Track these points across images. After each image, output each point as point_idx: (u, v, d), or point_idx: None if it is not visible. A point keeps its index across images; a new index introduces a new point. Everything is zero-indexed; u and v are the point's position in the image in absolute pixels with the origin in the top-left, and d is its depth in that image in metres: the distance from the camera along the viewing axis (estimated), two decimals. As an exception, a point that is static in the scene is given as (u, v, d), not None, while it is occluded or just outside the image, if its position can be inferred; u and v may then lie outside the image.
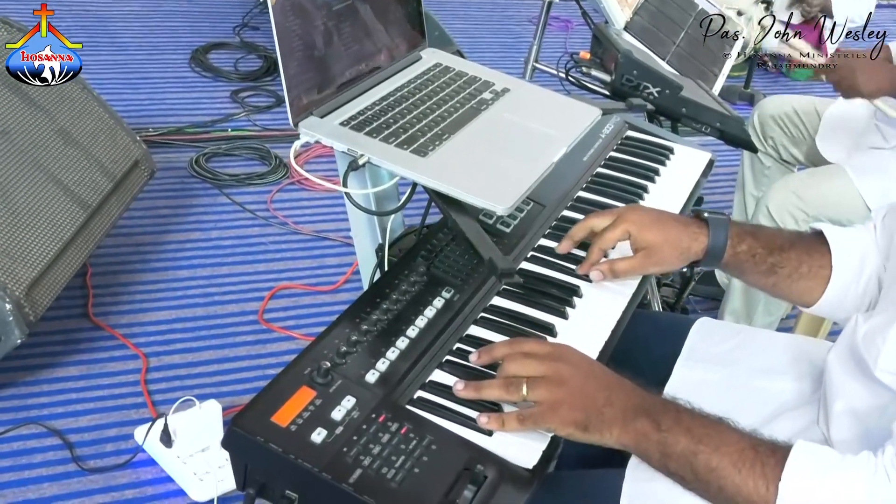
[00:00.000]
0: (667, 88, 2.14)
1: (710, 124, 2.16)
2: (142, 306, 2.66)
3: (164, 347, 2.51)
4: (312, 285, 2.84)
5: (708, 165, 1.83)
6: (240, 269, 2.90)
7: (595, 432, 1.10)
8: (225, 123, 3.74)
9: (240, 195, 3.27)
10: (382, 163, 1.27)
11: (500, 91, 1.55)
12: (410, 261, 1.33)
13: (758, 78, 4.86)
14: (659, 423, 1.09)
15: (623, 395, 1.12)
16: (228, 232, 3.08)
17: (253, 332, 2.62)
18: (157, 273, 2.82)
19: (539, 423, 1.10)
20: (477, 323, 1.29)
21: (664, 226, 1.38)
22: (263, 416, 1.03)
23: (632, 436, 1.09)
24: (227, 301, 2.74)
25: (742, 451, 1.05)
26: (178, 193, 3.25)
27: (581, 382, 1.12)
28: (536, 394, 1.10)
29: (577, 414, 1.09)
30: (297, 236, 3.10)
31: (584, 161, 1.71)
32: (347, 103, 1.39)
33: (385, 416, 1.07)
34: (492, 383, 1.14)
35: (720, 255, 1.38)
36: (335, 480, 0.98)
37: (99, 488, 2.06)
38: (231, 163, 3.46)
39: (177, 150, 3.50)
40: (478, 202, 1.23)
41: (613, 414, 1.10)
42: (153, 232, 3.02)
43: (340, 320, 1.20)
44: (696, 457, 1.06)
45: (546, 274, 1.40)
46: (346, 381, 1.10)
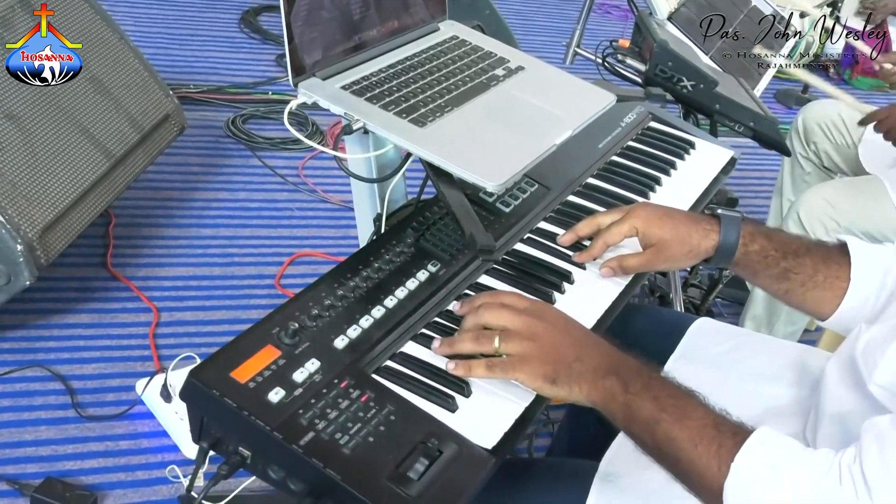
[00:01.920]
0: (701, 83, 2.11)
1: (743, 123, 2.13)
2: (160, 260, 2.70)
3: (176, 303, 2.55)
4: (333, 255, 2.86)
5: (729, 163, 1.79)
6: (263, 232, 2.93)
7: (563, 386, 1.11)
8: (266, 86, 3.77)
9: (272, 159, 3.30)
10: (377, 129, 1.27)
11: (513, 68, 1.53)
12: (400, 231, 1.33)
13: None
14: (627, 385, 1.09)
15: (596, 353, 1.13)
16: (256, 195, 3.11)
17: (268, 296, 2.64)
18: (179, 229, 2.86)
19: (508, 372, 1.12)
20: (460, 299, 1.28)
21: (674, 222, 1.37)
22: (223, 371, 1.04)
23: (600, 393, 1.10)
24: (246, 263, 2.77)
25: (703, 427, 1.05)
26: (211, 152, 3.28)
27: (553, 338, 1.13)
28: (508, 346, 1.12)
29: (546, 368, 1.11)
30: (325, 205, 3.12)
31: (599, 148, 1.70)
32: (353, 68, 1.38)
33: (347, 383, 1.07)
34: (464, 336, 1.16)
35: (731, 253, 1.36)
36: (286, 441, 0.99)
37: (95, 436, 2.10)
38: (267, 126, 3.48)
39: (215, 109, 3.54)
40: (468, 176, 1.22)
41: (583, 370, 1.11)
42: (181, 188, 3.05)
43: (318, 283, 1.21)
44: (658, 424, 1.06)
45: (539, 257, 1.40)
46: (313, 344, 1.11)
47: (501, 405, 1.13)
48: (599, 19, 5.03)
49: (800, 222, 2.39)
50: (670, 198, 1.62)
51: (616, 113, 1.79)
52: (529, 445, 2.28)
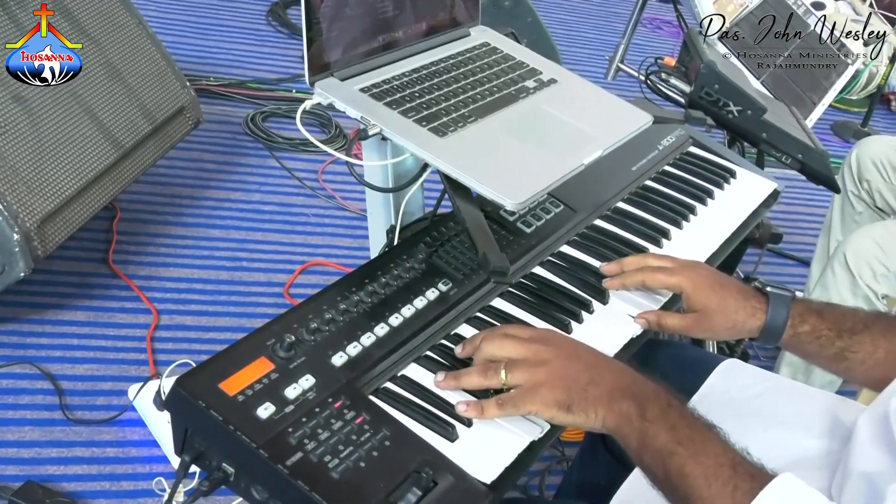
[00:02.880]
0: (748, 109, 2.11)
1: (790, 154, 2.12)
2: (164, 260, 2.71)
3: (178, 306, 2.56)
4: (347, 266, 2.87)
5: (771, 196, 1.79)
6: (275, 237, 2.94)
7: (580, 413, 1.10)
8: (291, 84, 3.79)
9: (291, 161, 3.32)
10: (394, 136, 1.27)
11: (545, 81, 1.54)
12: (412, 246, 1.34)
13: (879, 117, 4.77)
14: (644, 410, 1.09)
15: (610, 375, 1.13)
16: (271, 197, 3.13)
17: (275, 305, 2.65)
18: (187, 228, 2.88)
19: (519, 406, 1.11)
20: (470, 322, 1.28)
21: (723, 293, 1.36)
22: (211, 381, 1.04)
23: (615, 417, 1.10)
24: (255, 269, 2.78)
25: (719, 466, 1.04)
26: (227, 149, 3.31)
27: (563, 363, 1.13)
28: (515, 376, 1.12)
29: (557, 393, 1.10)
30: (342, 213, 3.13)
31: (633, 171, 1.70)
32: (374, 70, 1.39)
33: (342, 403, 1.07)
34: (470, 370, 1.16)
35: (777, 335, 1.36)
36: (272, 460, 0.99)
37: (81, 441, 2.11)
38: (288, 125, 3.50)
39: (234, 104, 3.56)
40: (486, 192, 1.22)
41: (598, 394, 1.10)
42: (193, 185, 3.08)
43: (320, 295, 1.22)
44: (672, 457, 1.06)
45: (558, 283, 1.39)
46: (309, 359, 1.11)
47: (505, 438, 1.12)
48: (648, 35, 5.03)
49: (846, 264, 2.37)
50: (704, 229, 1.62)
51: (653, 135, 1.79)
52: (541, 483, 2.27)
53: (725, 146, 2.16)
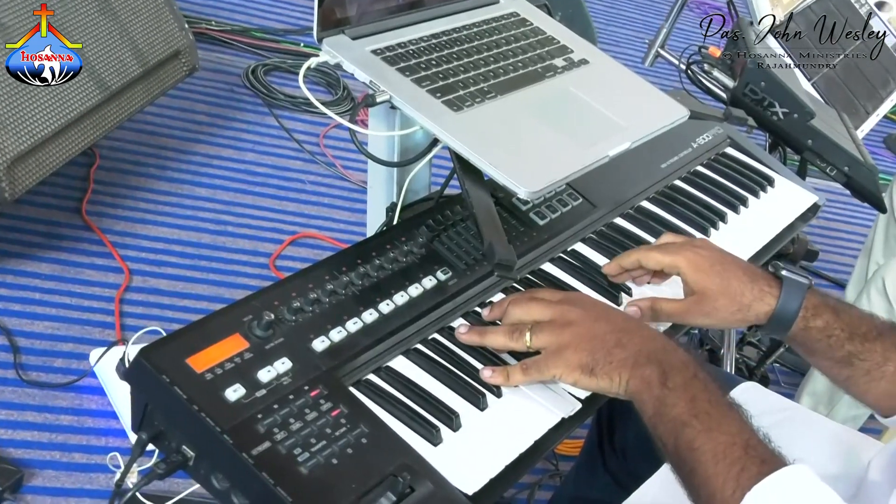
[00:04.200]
0: (795, 112, 2.09)
1: (836, 166, 2.11)
2: (143, 216, 2.71)
3: (153, 268, 2.57)
4: (341, 241, 2.87)
5: (810, 209, 1.78)
6: (266, 202, 2.94)
7: (603, 377, 1.13)
8: (299, 36, 3.78)
9: (291, 120, 3.31)
10: (404, 106, 1.27)
11: (576, 60, 1.53)
12: (413, 227, 1.33)
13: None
14: (667, 378, 1.11)
15: (638, 339, 1.16)
16: (266, 158, 3.13)
17: (259, 276, 2.65)
18: (171, 184, 2.87)
19: (543, 370, 1.16)
20: (467, 317, 1.28)
21: (726, 273, 1.33)
22: (178, 355, 1.04)
23: (637, 382, 1.12)
24: (241, 235, 2.78)
25: (731, 445, 1.05)
26: (223, 101, 3.30)
27: (590, 325, 1.17)
28: (541, 339, 1.16)
29: (582, 356, 1.14)
30: (342, 182, 3.13)
31: (662, 168, 1.69)
32: (389, 31, 1.38)
33: (319, 392, 1.07)
34: (496, 329, 1.21)
35: (787, 324, 1.32)
36: (237, 447, 0.99)
37: (34, 405, 2.12)
38: (292, 81, 3.50)
39: (235, 53, 3.56)
40: (500, 177, 1.21)
41: (623, 357, 1.13)
42: (181, 137, 3.07)
43: (306, 272, 1.21)
44: (685, 428, 1.07)
45: (567, 282, 1.39)
46: (288, 340, 1.11)
47: (493, 447, 1.12)
48: (695, 20, 5.01)
49: (884, 291, 2.36)
50: (734, 239, 1.61)
51: (689, 131, 1.79)
52: (530, 497, 2.28)
53: (766, 150, 2.15)
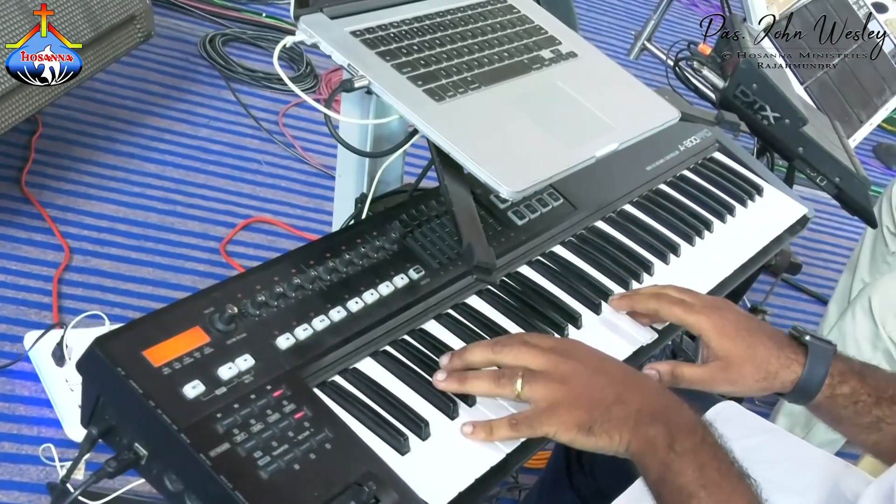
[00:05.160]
0: (787, 117, 2.13)
1: (826, 176, 2.15)
2: (87, 191, 2.70)
3: (96, 247, 2.56)
4: (298, 228, 2.87)
5: (800, 221, 1.81)
6: (219, 182, 2.94)
7: (602, 435, 1.12)
8: (261, 6, 3.78)
9: (249, 96, 3.31)
10: (383, 93, 1.28)
11: (564, 53, 1.55)
12: (385, 222, 1.34)
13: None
14: (674, 442, 1.10)
15: (639, 394, 1.15)
16: (220, 135, 3.12)
17: (208, 262, 2.65)
18: (118, 157, 2.86)
19: (535, 427, 1.13)
20: (439, 319, 1.30)
21: (753, 339, 1.34)
22: (135, 347, 1.05)
23: (640, 443, 1.11)
24: (190, 216, 2.78)
25: None
26: (177, 72, 3.29)
27: (587, 379, 1.15)
28: (533, 390, 1.14)
29: (579, 413, 1.12)
30: (301, 165, 3.13)
31: (647, 171, 1.71)
32: (370, 12, 1.39)
33: (282, 392, 1.08)
34: (480, 374, 1.17)
35: (813, 392, 1.34)
36: (193, 447, 0.99)
37: (-39, 388, 2.11)
38: (252, 54, 3.49)
39: (192, 21, 3.55)
40: (481, 174, 1.23)
41: (625, 414, 1.12)
42: (132, 108, 3.06)
43: (271, 265, 1.22)
44: (691, 500, 1.07)
45: (545, 288, 1.41)
46: (251, 336, 1.12)
47: (463, 458, 1.13)
48: (684, 12, 5.05)
49: (870, 311, 2.40)
50: (719, 249, 1.63)
51: (676, 133, 1.81)
52: (487, 511, 2.30)
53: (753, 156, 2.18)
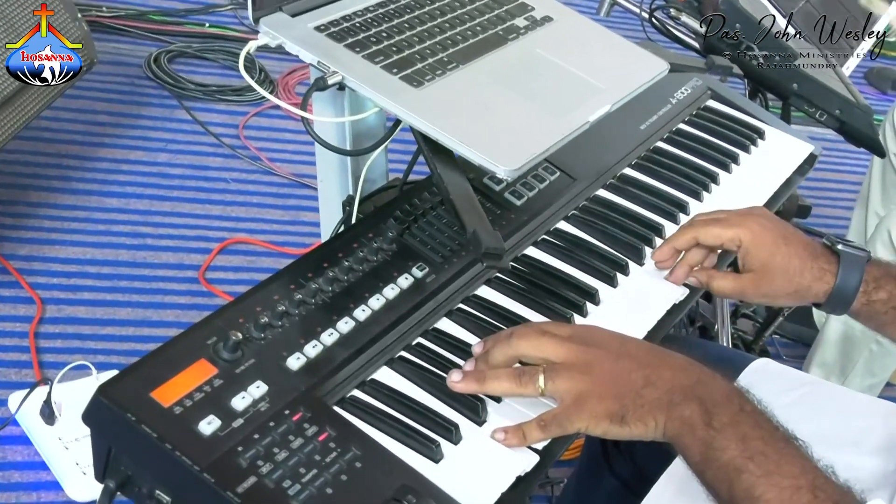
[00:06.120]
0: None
1: (826, 110, 2.16)
2: (49, 236, 2.70)
3: (68, 294, 2.55)
4: (277, 244, 2.87)
5: (807, 161, 1.82)
6: (187, 207, 2.94)
7: (636, 423, 1.12)
8: (202, 16, 3.77)
9: (205, 112, 3.31)
10: (360, 86, 1.28)
11: (539, 19, 1.55)
12: (379, 221, 1.35)
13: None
14: (711, 417, 1.09)
15: (668, 372, 1.14)
16: (181, 158, 3.12)
17: (188, 292, 2.65)
18: (77, 196, 2.86)
19: (565, 424, 1.13)
20: (451, 316, 1.30)
21: (789, 249, 1.39)
22: (141, 390, 1.05)
23: (676, 425, 1.11)
24: (163, 248, 2.78)
25: (797, 490, 1.05)
26: (125, 98, 3.29)
27: (611, 366, 1.15)
28: (557, 384, 1.14)
29: (609, 404, 1.12)
30: (270, 178, 3.13)
31: (642, 130, 1.72)
32: (330, 4, 1.39)
33: (301, 415, 1.08)
34: (499, 373, 1.17)
35: (848, 301, 1.39)
36: (219, 486, 1.00)
37: (-51, 463, 2.11)
38: (201, 68, 3.49)
39: (132, 41, 3.55)
40: (474, 157, 1.23)
41: (656, 397, 1.12)
42: (83, 143, 3.06)
43: (269, 283, 1.22)
44: (740, 475, 1.07)
45: (557, 267, 1.41)
46: (259, 361, 1.12)
47: (500, 457, 1.14)
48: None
49: (891, 244, 2.41)
50: (729, 201, 1.64)
51: (665, 86, 1.82)
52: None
53: (746, 98, 2.19)
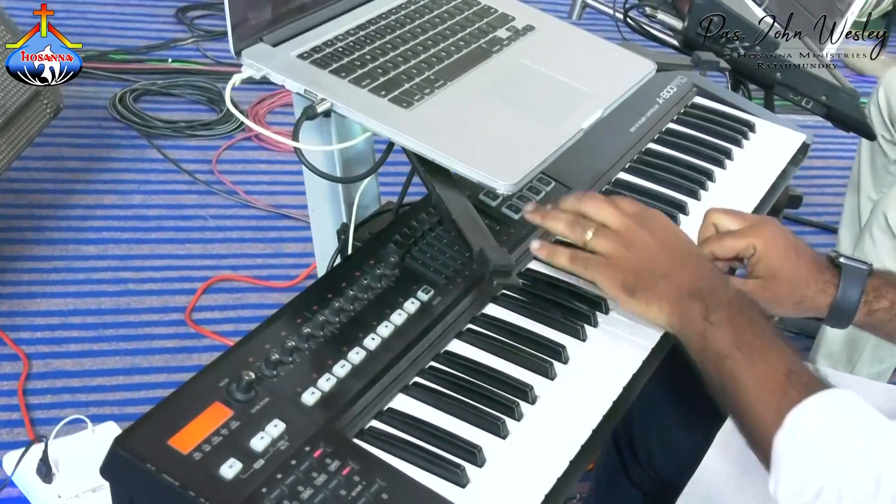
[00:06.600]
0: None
1: (812, 97, 2.18)
2: (30, 290, 2.69)
3: (53, 348, 2.55)
4: (262, 279, 2.88)
5: (800, 150, 1.85)
6: (167, 249, 2.94)
7: (642, 301, 1.29)
8: (164, 52, 3.78)
9: (176, 150, 3.31)
10: (349, 112, 1.29)
11: (520, 29, 1.57)
12: (380, 247, 1.35)
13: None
14: (709, 313, 1.24)
15: (688, 273, 1.29)
16: (156, 198, 3.12)
17: (176, 335, 2.65)
18: (53, 247, 2.86)
19: (589, 271, 1.31)
20: (461, 337, 1.31)
21: (798, 261, 1.43)
22: (159, 438, 1.06)
23: (678, 317, 1.27)
24: (146, 292, 2.77)
25: (773, 373, 1.17)
26: (93, 141, 3.29)
27: (651, 250, 1.30)
28: (600, 243, 1.30)
29: (627, 276, 1.29)
30: (249, 211, 3.14)
31: (632, 133, 1.74)
32: (311, 30, 1.41)
33: (323, 451, 1.09)
34: (560, 216, 1.34)
35: (849, 315, 1.43)
36: (246, 530, 1.01)
37: (-51, 534, 2.10)
38: (168, 105, 3.50)
39: (96, 83, 3.55)
40: (473, 174, 1.25)
41: (667, 290, 1.28)
42: (54, 191, 3.06)
43: (275, 319, 1.23)
44: (726, 361, 1.21)
45: (563, 278, 1.42)
46: (274, 399, 1.13)
47: (525, 476, 1.15)
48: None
49: (887, 227, 2.43)
50: (728, 198, 1.66)
51: (651, 86, 1.82)
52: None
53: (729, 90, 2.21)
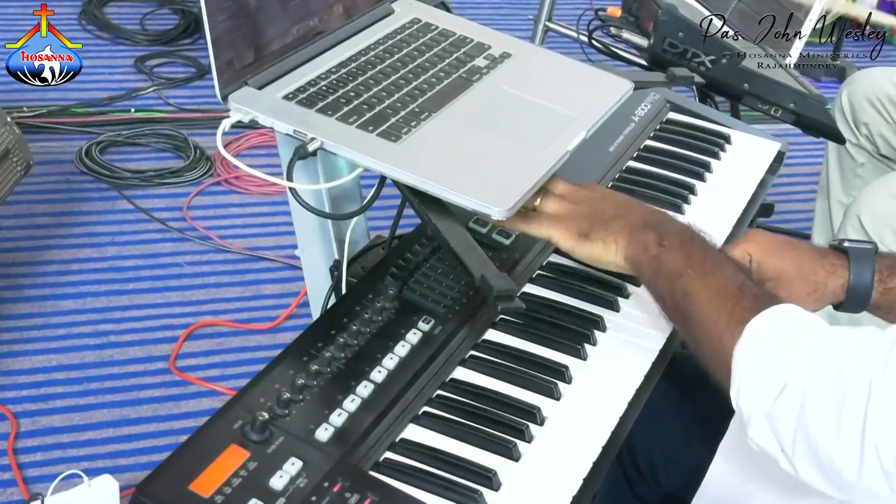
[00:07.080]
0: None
1: (781, 105, 2.22)
2: (10, 349, 2.68)
3: (40, 405, 2.54)
4: (243, 322, 2.88)
5: (776, 159, 1.88)
6: (145, 298, 2.93)
7: (598, 242, 1.33)
8: (126, 102, 3.78)
9: (146, 199, 3.31)
10: (340, 149, 1.31)
11: (498, 56, 1.59)
12: (377, 281, 1.37)
13: (851, 46, 4.90)
14: (662, 239, 1.30)
15: (638, 211, 1.37)
16: (131, 249, 3.12)
17: (162, 384, 2.64)
18: (31, 304, 2.85)
19: (542, 227, 1.36)
20: (465, 364, 1.33)
21: (796, 253, 1.46)
22: (179, 484, 1.07)
23: (634, 248, 1.32)
24: (128, 343, 2.77)
25: (725, 286, 1.22)
26: (63, 196, 3.28)
27: (598, 202, 1.38)
28: (549, 205, 1.37)
29: (580, 223, 1.35)
30: (224, 255, 3.14)
31: (611, 152, 1.76)
32: (294, 70, 1.43)
33: (341, 486, 1.11)
34: None
35: (866, 295, 1.44)
36: (274, 570, 1.02)
37: None
38: (135, 155, 3.49)
39: (60, 138, 3.54)
40: (467, 202, 1.27)
41: (621, 225, 1.33)
42: (28, 248, 3.05)
43: (282, 359, 1.24)
44: (680, 279, 1.26)
45: (558, 300, 1.45)
46: (289, 438, 1.14)
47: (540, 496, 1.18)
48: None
49: (862, 229, 2.46)
50: (711, 209, 1.69)
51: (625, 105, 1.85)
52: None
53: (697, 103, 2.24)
